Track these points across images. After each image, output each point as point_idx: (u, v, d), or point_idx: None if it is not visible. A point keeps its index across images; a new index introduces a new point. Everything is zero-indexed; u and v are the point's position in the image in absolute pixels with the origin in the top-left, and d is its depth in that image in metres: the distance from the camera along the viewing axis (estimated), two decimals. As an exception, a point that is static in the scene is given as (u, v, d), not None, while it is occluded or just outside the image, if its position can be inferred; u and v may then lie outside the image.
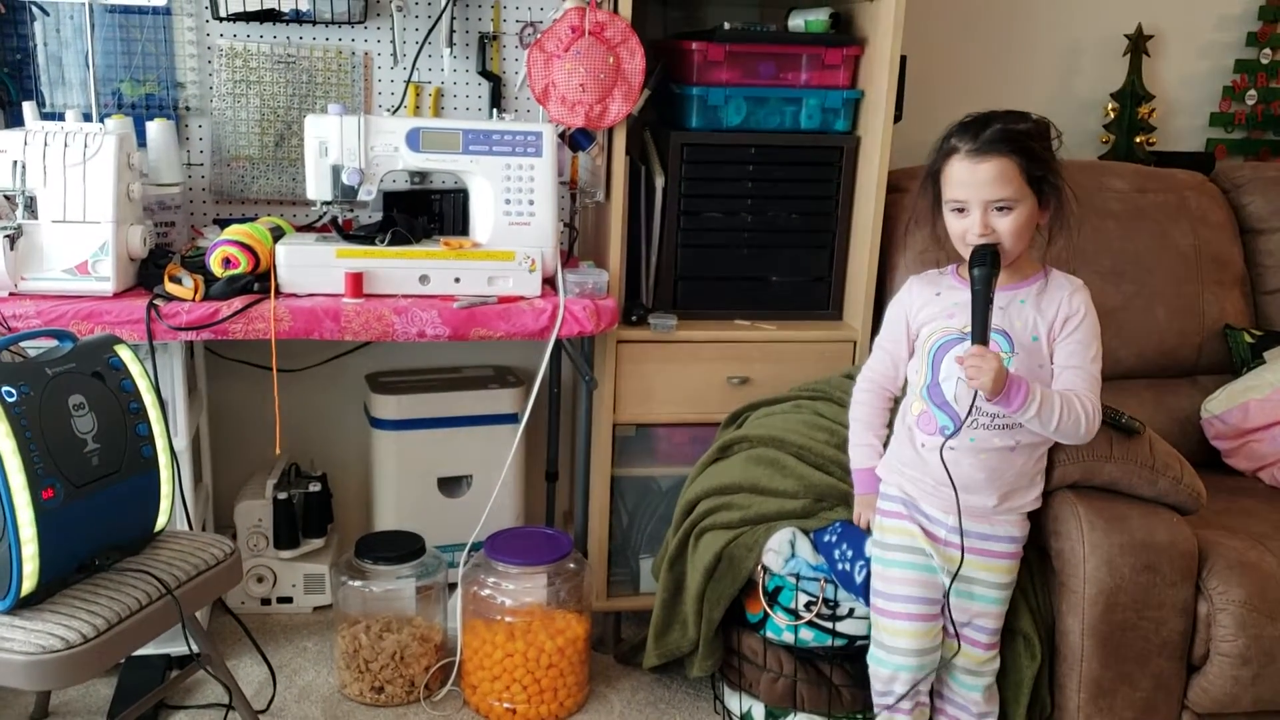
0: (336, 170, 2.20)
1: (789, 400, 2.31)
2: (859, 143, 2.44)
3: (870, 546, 1.96)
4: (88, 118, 2.28)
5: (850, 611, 2.05)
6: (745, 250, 2.48)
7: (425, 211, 2.55)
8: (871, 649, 1.95)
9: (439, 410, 2.62)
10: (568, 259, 2.46)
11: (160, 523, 1.83)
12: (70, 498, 1.62)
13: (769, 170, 2.43)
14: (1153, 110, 3.00)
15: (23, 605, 1.62)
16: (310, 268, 2.18)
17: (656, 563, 2.32)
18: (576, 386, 2.47)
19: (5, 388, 1.58)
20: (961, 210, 1.77)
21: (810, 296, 2.53)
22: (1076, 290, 1.82)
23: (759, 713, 2.17)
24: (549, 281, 2.31)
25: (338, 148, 2.19)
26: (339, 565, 2.36)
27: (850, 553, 2.00)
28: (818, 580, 2.05)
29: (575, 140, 2.33)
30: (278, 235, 2.26)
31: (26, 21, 2.42)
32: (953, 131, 1.78)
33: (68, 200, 2.08)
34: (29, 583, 1.59)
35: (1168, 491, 1.94)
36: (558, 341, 2.23)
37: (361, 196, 2.22)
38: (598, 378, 2.39)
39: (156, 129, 2.38)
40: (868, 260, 2.42)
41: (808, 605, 2.06)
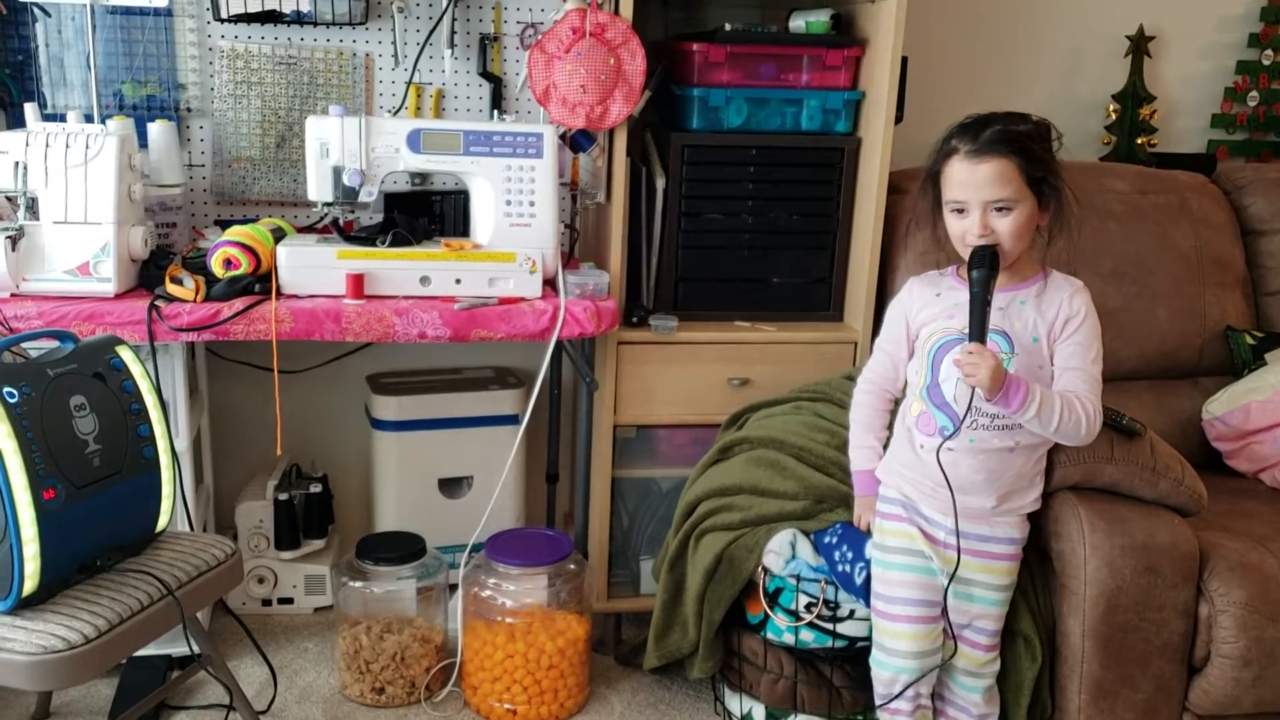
0: (337, 171, 2.20)
1: (789, 402, 2.31)
2: (860, 144, 2.44)
3: (870, 549, 1.96)
4: (89, 119, 2.28)
5: (851, 613, 2.05)
6: (746, 251, 2.48)
7: (426, 213, 2.55)
8: (873, 651, 1.95)
9: (440, 411, 2.62)
10: (568, 260, 2.46)
11: (161, 523, 1.83)
12: (71, 498, 1.62)
13: (770, 171, 2.43)
14: (1154, 111, 3.00)
15: (24, 606, 1.62)
16: (311, 269, 2.18)
17: (657, 564, 2.32)
18: (577, 388, 2.47)
19: (7, 388, 1.58)
20: (961, 211, 1.77)
21: (811, 298, 2.53)
22: (1077, 291, 1.81)
23: (759, 714, 2.17)
24: (550, 283, 2.31)
25: (339, 149, 2.19)
26: (340, 566, 2.36)
27: (850, 554, 2.00)
28: (818, 581, 2.05)
29: (576, 141, 2.33)
30: (279, 236, 2.26)
31: (28, 23, 2.43)
32: (952, 132, 1.78)
33: (69, 201, 2.08)
34: (30, 583, 1.59)
35: (1169, 493, 1.94)
36: (558, 343, 2.24)
37: (362, 198, 2.22)
38: (598, 379, 2.39)
39: (158, 130, 2.38)
40: (868, 261, 2.42)
41: (808, 606, 2.06)
